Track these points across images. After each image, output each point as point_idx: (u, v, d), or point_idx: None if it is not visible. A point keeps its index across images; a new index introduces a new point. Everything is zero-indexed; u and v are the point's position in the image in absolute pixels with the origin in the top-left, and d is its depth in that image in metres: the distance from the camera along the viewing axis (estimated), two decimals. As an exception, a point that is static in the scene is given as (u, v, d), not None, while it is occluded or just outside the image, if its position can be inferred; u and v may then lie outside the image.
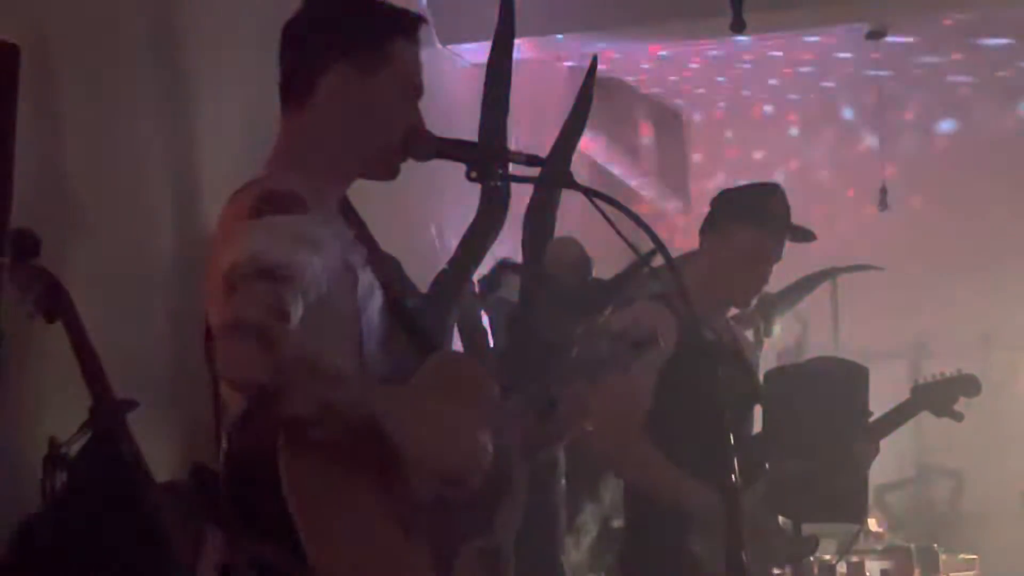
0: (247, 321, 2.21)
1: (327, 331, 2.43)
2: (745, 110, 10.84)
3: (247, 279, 2.27)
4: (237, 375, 2.20)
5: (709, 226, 4.24)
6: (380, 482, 2.35)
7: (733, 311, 4.38)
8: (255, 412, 2.29)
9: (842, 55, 9.28)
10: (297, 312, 2.28)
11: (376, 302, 2.62)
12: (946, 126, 10.39)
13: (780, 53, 9.25)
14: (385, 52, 2.63)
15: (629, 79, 9.80)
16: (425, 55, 2.77)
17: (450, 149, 2.64)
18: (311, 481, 2.28)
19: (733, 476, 2.43)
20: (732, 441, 2.52)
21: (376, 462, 2.33)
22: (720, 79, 10.07)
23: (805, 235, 4.19)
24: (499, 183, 2.62)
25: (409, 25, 2.68)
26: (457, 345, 5.69)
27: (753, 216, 4.14)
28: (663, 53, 9.20)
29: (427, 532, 2.42)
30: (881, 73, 9.39)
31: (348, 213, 2.76)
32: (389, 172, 2.68)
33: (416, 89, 2.67)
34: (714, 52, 9.22)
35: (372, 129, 2.62)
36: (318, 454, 2.28)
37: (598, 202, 2.52)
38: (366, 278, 2.60)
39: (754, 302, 4.47)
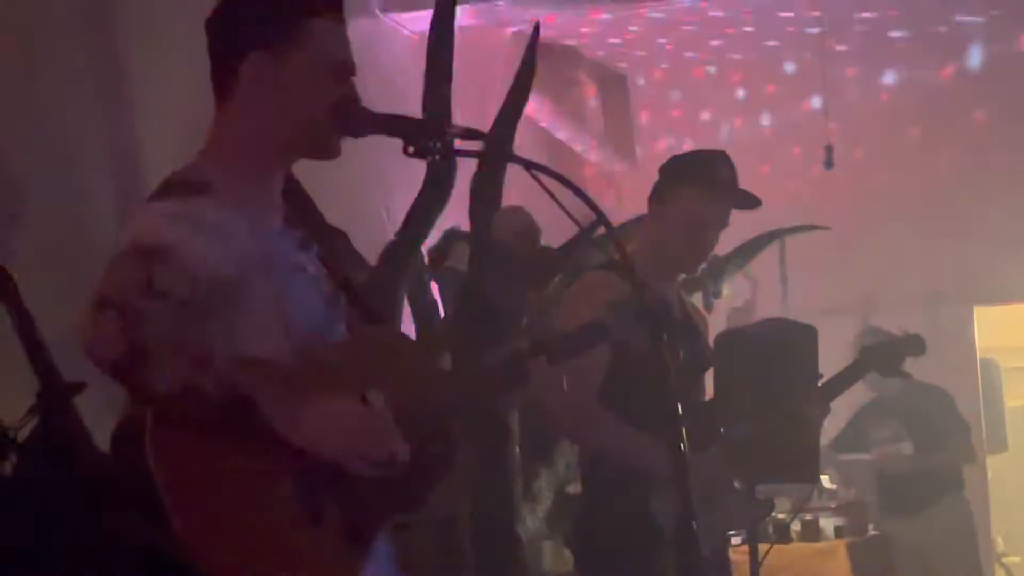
0: (107, 298, 2.27)
1: (238, 316, 2.45)
2: (688, 71, 10.82)
3: (120, 258, 2.34)
4: (92, 346, 2.26)
5: (657, 193, 4.23)
6: (273, 463, 2.35)
7: (682, 276, 4.37)
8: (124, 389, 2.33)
9: (783, 14, 9.29)
10: (177, 290, 2.32)
11: (307, 286, 2.61)
12: (888, 79, 10.39)
13: (721, 13, 9.24)
14: (298, 35, 2.60)
15: (570, 43, 9.77)
16: (365, 26, 2.75)
17: (386, 125, 2.62)
18: (186, 460, 2.30)
19: (682, 444, 2.43)
20: (681, 410, 2.51)
21: (267, 443, 2.32)
22: (662, 40, 10.05)
23: (751, 201, 4.19)
24: (437, 157, 2.60)
25: (325, 3, 2.65)
26: (408, 315, 5.68)
27: (699, 182, 4.13)
28: (604, 16, 9.17)
29: (340, 511, 2.42)
30: (816, 31, 9.43)
31: (292, 192, 2.75)
32: (327, 151, 2.66)
33: (342, 66, 2.64)
34: (656, 15, 9.21)
35: (292, 112, 2.60)
36: (195, 437, 2.30)
37: (539, 175, 2.51)
38: (291, 262, 2.59)
39: (701, 268, 4.47)
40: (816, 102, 9.78)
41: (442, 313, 5.91)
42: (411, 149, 2.57)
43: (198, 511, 2.30)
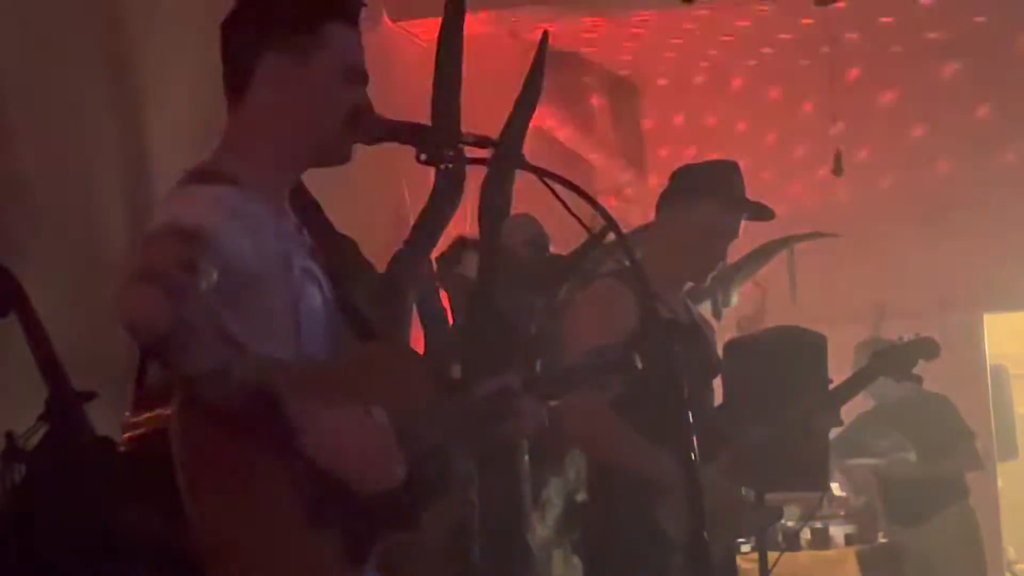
0: (153, 270, 2.25)
1: (257, 313, 2.45)
2: (693, 78, 10.82)
3: (160, 237, 2.33)
4: (137, 319, 2.22)
5: (666, 201, 4.22)
6: (285, 464, 2.35)
7: (689, 285, 4.37)
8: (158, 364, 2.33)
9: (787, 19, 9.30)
10: (210, 274, 2.31)
11: (316, 293, 2.61)
12: (893, 82, 10.36)
13: (725, 19, 9.25)
14: (317, 37, 2.61)
15: (579, 50, 9.78)
16: (375, 34, 2.75)
17: (398, 132, 2.62)
18: (208, 452, 2.31)
19: (692, 454, 2.43)
20: (691, 419, 2.51)
21: (280, 441, 2.33)
22: (666, 47, 10.05)
23: (764, 212, 4.18)
24: (449, 165, 2.60)
25: (345, 8, 2.66)
26: (416, 323, 5.68)
27: (713, 193, 4.12)
28: (612, 24, 9.17)
29: (337, 519, 2.41)
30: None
31: (300, 197, 2.75)
32: (338, 157, 2.67)
33: (356, 72, 2.65)
34: (661, 21, 9.22)
35: (308, 116, 2.61)
36: (219, 425, 2.30)
37: (550, 182, 2.52)
38: (305, 267, 2.59)
39: (710, 278, 4.46)
40: (823, 108, 9.76)
41: (451, 321, 5.91)
42: (423, 157, 2.58)
43: (212, 496, 2.30)
